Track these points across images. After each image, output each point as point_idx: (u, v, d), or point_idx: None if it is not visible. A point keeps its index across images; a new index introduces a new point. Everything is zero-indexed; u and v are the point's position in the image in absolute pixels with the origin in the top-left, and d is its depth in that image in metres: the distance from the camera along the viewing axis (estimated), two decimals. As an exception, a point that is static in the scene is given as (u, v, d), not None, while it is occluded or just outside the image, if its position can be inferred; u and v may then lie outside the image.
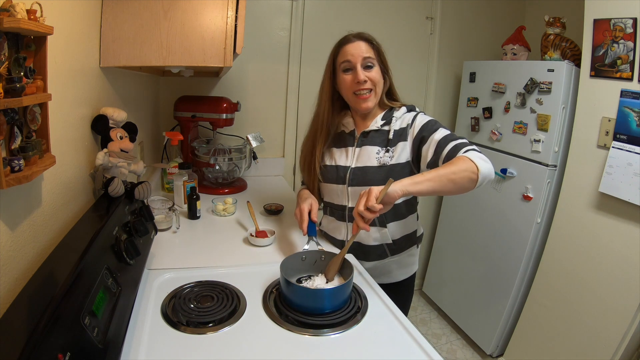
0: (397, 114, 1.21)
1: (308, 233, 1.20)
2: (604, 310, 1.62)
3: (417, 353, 0.82)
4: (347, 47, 1.16)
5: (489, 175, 0.99)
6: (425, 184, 0.97)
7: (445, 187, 0.97)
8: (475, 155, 1.01)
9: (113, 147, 1.08)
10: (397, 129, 1.18)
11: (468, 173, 0.97)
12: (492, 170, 1.01)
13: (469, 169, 0.97)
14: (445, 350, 2.28)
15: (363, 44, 1.15)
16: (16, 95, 0.63)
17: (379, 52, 1.18)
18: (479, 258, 2.25)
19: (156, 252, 1.16)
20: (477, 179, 0.97)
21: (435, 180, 0.97)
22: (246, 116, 2.18)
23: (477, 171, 0.97)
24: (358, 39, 1.16)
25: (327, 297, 0.92)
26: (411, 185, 0.96)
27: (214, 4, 1.18)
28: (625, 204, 1.54)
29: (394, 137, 1.18)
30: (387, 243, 1.24)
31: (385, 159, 1.17)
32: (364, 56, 1.14)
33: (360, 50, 1.14)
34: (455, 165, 0.98)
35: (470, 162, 0.98)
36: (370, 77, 1.15)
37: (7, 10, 0.59)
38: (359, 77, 1.14)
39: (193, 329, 0.84)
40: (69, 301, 0.59)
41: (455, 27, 2.48)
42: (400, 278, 1.31)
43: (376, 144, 1.19)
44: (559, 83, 1.80)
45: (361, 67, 1.14)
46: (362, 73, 1.14)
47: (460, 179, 0.97)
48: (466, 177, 0.97)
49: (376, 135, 1.20)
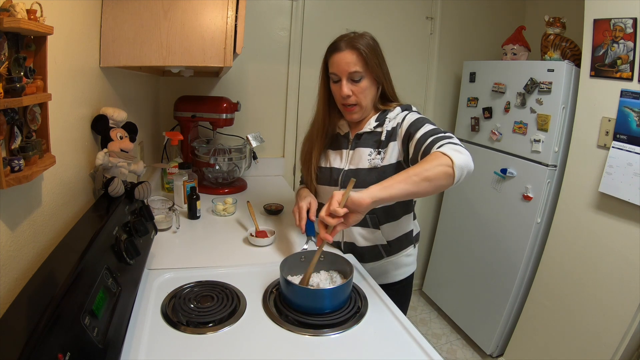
0: (391, 115, 1.17)
1: (307, 233, 1.20)
2: (604, 310, 1.62)
3: (417, 353, 0.82)
4: (335, 57, 1.12)
5: (466, 166, 0.91)
6: (396, 187, 0.89)
7: (420, 187, 0.89)
8: (449, 147, 0.93)
9: (113, 147, 1.08)
10: (389, 130, 1.16)
11: (442, 167, 0.89)
12: (469, 160, 0.93)
13: (443, 162, 0.89)
14: (445, 350, 2.28)
15: (350, 54, 1.09)
16: (16, 95, 0.63)
17: (369, 60, 1.10)
18: (479, 258, 2.25)
19: (156, 252, 1.16)
20: (453, 172, 0.89)
21: (407, 182, 0.89)
22: (246, 116, 2.18)
23: (452, 164, 0.89)
24: (347, 48, 1.10)
25: (327, 297, 0.92)
26: (380, 190, 0.89)
27: (214, 4, 1.18)
28: (625, 204, 1.54)
29: (385, 138, 1.15)
30: (382, 244, 1.23)
31: (377, 161, 1.15)
32: (350, 71, 1.10)
33: (347, 64, 1.09)
34: (427, 162, 0.91)
35: (443, 156, 0.91)
36: (356, 91, 1.12)
37: (7, 10, 0.59)
38: (342, 91, 1.12)
39: (193, 329, 0.84)
40: (69, 301, 0.59)
41: (455, 27, 2.48)
42: (398, 278, 1.30)
43: (369, 146, 1.18)
44: (559, 83, 1.80)
45: (346, 81, 1.11)
46: (347, 87, 1.11)
47: (435, 176, 0.89)
48: (441, 173, 0.89)
49: (369, 137, 1.19)
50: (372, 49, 1.11)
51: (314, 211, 1.21)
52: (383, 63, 1.15)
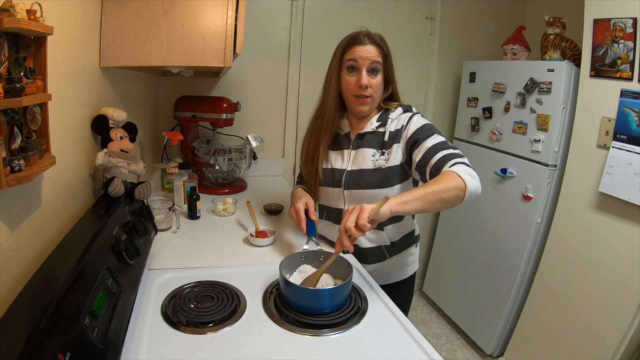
0: (393, 115, 1.18)
1: (308, 233, 1.20)
2: (604, 310, 1.62)
3: (417, 353, 0.82)
4: (357, 48, 1.12)
5: (475, 191, 0.98)
6: (413, 203, 0.96)
7: (433, 206, 0.97)
8: (463, 170, 0.99)
9: (113, 147, 1.08)
10: (392, 131, 1.16)
11: (456, 191, 0.96)
12: (479, 186, 1.00)
13: (457, 186, 0.96)
14: (445, 350, 2.28)
15: (373, 48, 1.12)
16: (16, 96, 0.63)
17: (387, 58, 1.15)
18: (479, 258, 2.25)
19: (156, 252, 1.16)
20: (464, 196, 0.96)
21: (423, 200, 0.96)
22: (246, 116, 2.18)
23: (465, 188, 0.96)
24: (370, 42, 1.12)
25: (327, 297, 0.92)
26: (399, 205, 0.95)
27: (214, 4, 1.18)
28: (625, 204, 1.54)
29: (389, 139, 1.16)
30: (385, 245, 1.23)
31: (381, 162, 1.15)
32: (372, 60, 1.11)
33: (370, 54, 1.11)
34: (443, 183, 0.97)
35: (458, 179, 0.96)
36: (372, 84, 1.13)
37: (7, 11, 0.59)
38: (362, 81, 1.12)
39: (193, 329, 0.84)
40: (69, 301, 0.59)
41: (455, 27, 2.48)
42: (400, 278, 1.30)
43: (372, 146, 1.18)
44: (559, 83, 1.80)
45: (366, 72, 1.12)
46: (366, 78, 1.12)
47: (448, 198, 0.96)
48: (454, 195, 0.96)
49: (372, 137, 1.19)
50: (388, 49, 1.16)
51: (313, 210, 1.21)
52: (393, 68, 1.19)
